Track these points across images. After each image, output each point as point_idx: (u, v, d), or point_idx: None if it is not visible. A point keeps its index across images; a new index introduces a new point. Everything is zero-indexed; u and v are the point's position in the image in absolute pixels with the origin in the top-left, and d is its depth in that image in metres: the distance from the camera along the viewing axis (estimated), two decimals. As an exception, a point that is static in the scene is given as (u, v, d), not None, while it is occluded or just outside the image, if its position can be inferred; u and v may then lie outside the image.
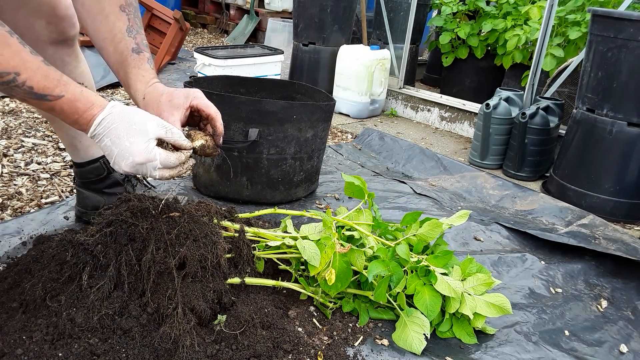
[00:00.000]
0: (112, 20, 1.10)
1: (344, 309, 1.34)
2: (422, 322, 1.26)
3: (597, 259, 1.74)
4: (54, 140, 2.35)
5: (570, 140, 2.35)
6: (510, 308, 1.31)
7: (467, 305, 1.28)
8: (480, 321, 1.32)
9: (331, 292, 1.27)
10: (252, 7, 5.78)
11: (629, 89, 2.11)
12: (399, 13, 4.02)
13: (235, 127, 1.78)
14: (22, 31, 1.17)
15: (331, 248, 1.23)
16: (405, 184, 2.30)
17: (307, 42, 3.63)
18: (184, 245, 1.13)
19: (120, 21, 1.10)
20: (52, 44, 1.27)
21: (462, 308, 1.29)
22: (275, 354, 1.12)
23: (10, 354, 0.99)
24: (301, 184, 1.98)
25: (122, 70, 1.11)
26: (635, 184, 2.17)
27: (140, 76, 1.11)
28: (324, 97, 2.04)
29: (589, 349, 1.35)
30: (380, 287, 1.24)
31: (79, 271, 1.12)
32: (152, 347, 1.04)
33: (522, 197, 2.23)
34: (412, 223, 1.43)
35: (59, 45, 1.29)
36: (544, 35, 2.68)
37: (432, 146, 3.03)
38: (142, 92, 1.10)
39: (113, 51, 1.10)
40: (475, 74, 4.05)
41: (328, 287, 1.25)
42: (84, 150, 1.48)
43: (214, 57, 3.11)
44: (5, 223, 1.58)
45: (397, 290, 1.29)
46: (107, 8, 1.09)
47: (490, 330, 1.35)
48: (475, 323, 1.32)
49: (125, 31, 1.10)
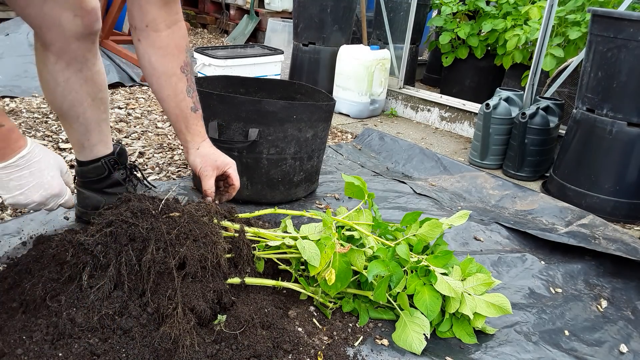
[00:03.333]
0: (175, 81, 1.30)
1: (344, 309, 1.34)
2: (422, 322, 1.26)
3: (597, 259, 1.74)
4: (54, 140, 2.35)
5: (570, 140, 2.35)
6: (510, 308, 1.31)
7: (467, 305, 1.28)
8: (480, 321, 1.32)
9: (331, 292, 1.27)
10: (252, 7, 5.78)
11: (629, 89, 2.11)
12: (399, 13, 4.02)
13: (235, 127, 1.78)
14: (48, 25, 1.23)
15: (331, 248, 1.23)
16: (405, 184, 2.30)
17: (307, 42, 3.63)
18: (184, 245, 1.13)
19: (181, 82, 1.30)
20: (77, 38, 1.28)
21: (462, 308, 1.29)
22: (275, 354, 1.12)
23: (10, 354, 0.99)
24: (301, 184, 1.98)
25: (182, 122, 1.34)
26: (635, 184, 2.17)
27: (197, 131, 1.37)
28: (324, 97, 2.04)
29: (589, 349, 1.35)
30: (380, 287, 1.24)
31: (79, 271, 1.12)
32: (152, 347, 1.04)
33: (522, 197, 2.23)
34: (412, 223, 1.43)
35: (82, 40, 1.30)
36: (544, 35, 2.68)
37: (432, 146, 3.03)
38: (198, 144, 1.37)
39: (174, 107, 1.32)
40: (475, 74, 4.05)
41: (328, 287, 1.25)
42: (89, 148, 1.49)
43: (214, 57, 3.11)
44: (5, 223, 1.58)
45: (398, 290, 1.29)
46: (171, 70, 1.29)
47: (490, 330, 1.35)
48: (475, 323, 1.32)
49: (185, 91, 1.32)
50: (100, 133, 1.50)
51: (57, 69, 1.32)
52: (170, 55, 1.29)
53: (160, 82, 1.30)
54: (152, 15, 1.25)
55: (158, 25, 1.26)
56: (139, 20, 1.26)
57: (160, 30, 1.27)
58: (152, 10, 1.25)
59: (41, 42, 1.29)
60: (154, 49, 1.28)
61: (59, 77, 1.33)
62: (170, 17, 1.28)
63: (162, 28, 1.27)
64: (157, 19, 1.26)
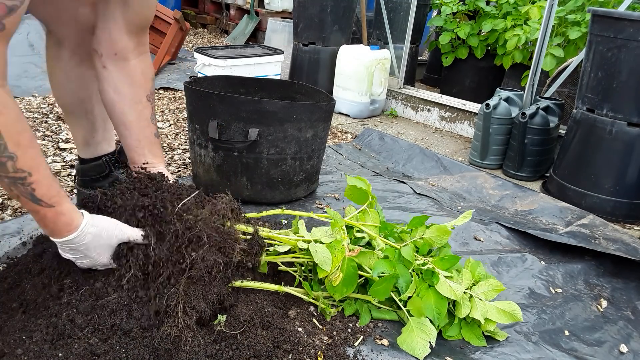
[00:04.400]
0: (140, 108, 1.33)
1: (346, 312, 1.33)
2: (429, 329, 1.26)
3: (597, 259, 1.74)
4: (54, 140, 2.35)
5: (570, 140, 2.35)
6: (521, 315, 1.31)
7: (479, 311, 1.28)
8: (491, 325, 1.32)
9: (337, 296, 1.27)
10: (252, 7, 5.78)
11: (629, 89, 2.11)
12: (399, 13, 4.02)
13: (235, 127, 1.78)
14: (65, 20, 1.29)
15: (341, 252, 1.23)
16: (405, 184, 2.30)
17: (307, 42, 3.63)
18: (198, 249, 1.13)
19: (146, 109, 1.35)
20: (92, 33, 1.31)
21: (473, 313, 1.29)
22: (275, 354, 1.12)
23: (10, 354, 0.99)
24: (301, 184, 1.98)
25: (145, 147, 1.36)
26: (635, 184, 2.17)
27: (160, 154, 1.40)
28: (324, 97, 2.04)
29: (588, 349, 1.35)
30: (381, 285, 1.24)
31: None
32: (152, 347, 1.04)
33: (522, 197, 2.22)
34: (418, 226, 1.42)
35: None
36: (544, 35, 2.68)
37: (432, 146, 3.03)
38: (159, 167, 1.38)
39: (138, 132, 1.34)
40: (475, 74, 4.05)
41: (334, 290, 1.25)
42: (94, 146, 1.51)
43: (214, 57, 3.11)
44: (5, 223, 1.58)
45: (408, 294, 1.28)
46: (137, 97, 1.32)
47: (501, 336, 1.34)
48: (486, 327, 1.32)
49: (150, 118, 1.36)
50: (105, 131, 1.52)
51: (70, 65, 1.36)
52: (137, 84, 1.32)
53: (124, 109, 1.32)
54: (122, 44, 1.27)
55: (127, 54, 1.29)
56: (108, 48, 1.28)
57: (129, 59, 1.30)
58: (122, 40, 1.27)
59: (56, 38, 1.33)
60: (122, 76, 1.30)
61: (72, 73, 1.37)
62: (138, 48, 1.31)
63: (131, 57, 1.30)
64: (127, 48, 1.28)
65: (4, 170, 0.92)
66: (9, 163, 0.91)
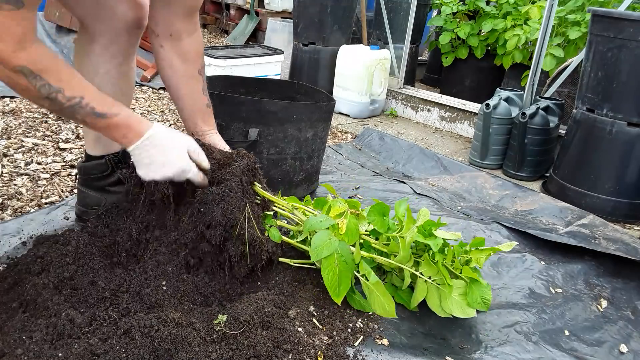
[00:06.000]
0: (193, 82, 1.46)
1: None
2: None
3: (597, 259, 1.74)
4: (54, 140, 2.35)
5: (570, 140, 2.35)
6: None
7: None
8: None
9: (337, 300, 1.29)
10: (252, 7, 5.78)
11: (629, 89, 2.11)
12: (399, 13, 4.02)
13: (235, 127, 1.78)
14: (103, 16, 1.35)
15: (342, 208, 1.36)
16: (405, 184, 2.30)
17: (307, 42, 3.63)
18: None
19: (199, 83, 1.47)
20: (128, 31, 1.40)
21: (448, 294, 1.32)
22: (275, 354, 1.12)
23: (10, 354, 0.99)
24: (301, 184, 1.98)
25: (199, 116, 1.48)
26: (635, 184, 2.17)
27: (212, 123, 1.52)
28: (324, 97, 2.04)
29: (589, 349, 1.35)
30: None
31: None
32: (152, 347, 1.04)
33: (522, 197, 2.22)
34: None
35: (131, 33, 1.42)
36: (544, 35, 2.68)
37: (432, 146, 3.03)
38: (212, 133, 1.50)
39: (192, 104, 1.46)
40: (475, 74, 4.05)
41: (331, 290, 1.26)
42: (103, 144, 1.51)
43: (214, 57, 3.11)
44: (5, 223, 1.58)
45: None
46: (190, 72, 1.44)
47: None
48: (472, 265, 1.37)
49: (202, 90, 1.47)
50: None
51: (100, 60, 1.41)
52: (190, 60, 1.44)
53: (179, 83, 1.45)
54: (176, 26, 1.39)
55: (181, 34, 1.40)
56: (164, 30, 1.39)
57: (182, 38, 1.41)
58: (176, 22, 1.39)
59: (89, 33, 1.38)
60: (176, 54, 1.42)
61: (101, 68, 1.42)
62: (190, 27, 1.42)
63: (184, 37, 1.41)
64: (181, 29, 1.40)
65: (58, 103, 1.04)
66: (59, 95, 1.04)
